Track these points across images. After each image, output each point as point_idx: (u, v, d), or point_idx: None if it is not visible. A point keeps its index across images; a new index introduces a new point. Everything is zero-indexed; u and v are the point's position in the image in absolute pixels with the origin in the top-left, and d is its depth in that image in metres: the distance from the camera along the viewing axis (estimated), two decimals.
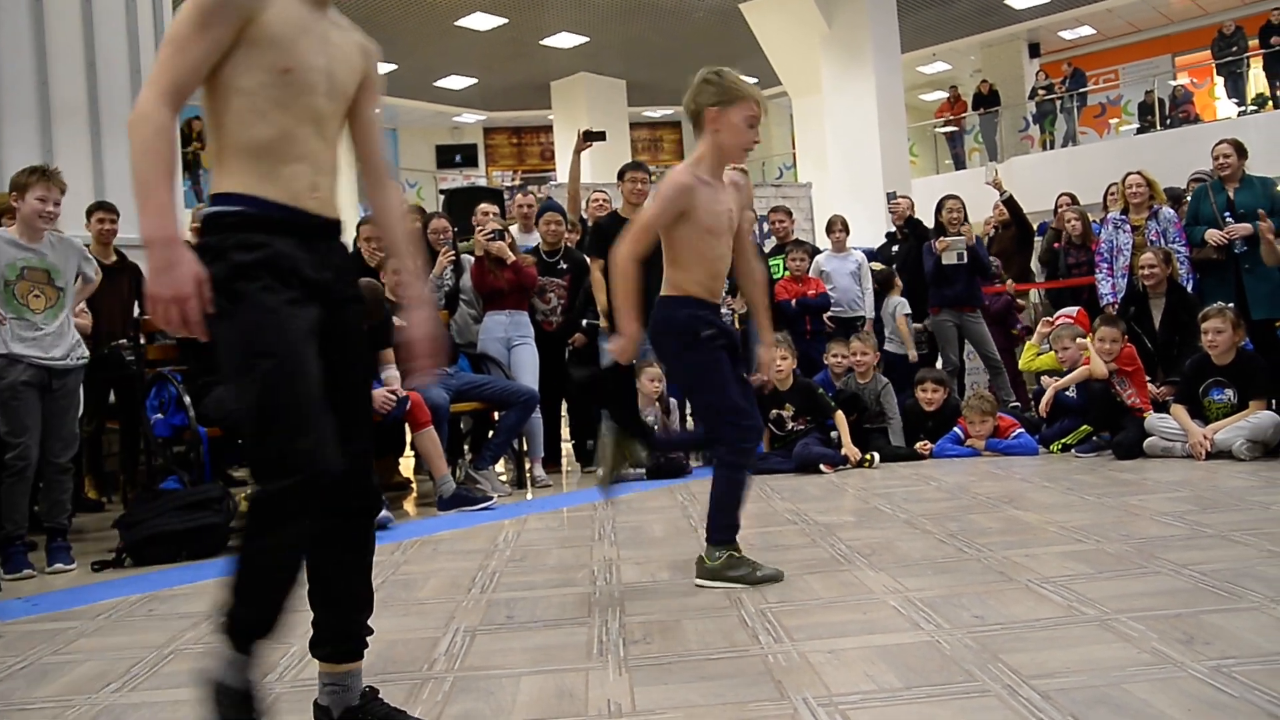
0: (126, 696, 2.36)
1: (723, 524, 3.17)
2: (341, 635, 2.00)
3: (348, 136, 2.01)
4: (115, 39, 6.57)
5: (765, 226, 8.30)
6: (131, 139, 1.68)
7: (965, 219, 7.26)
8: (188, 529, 4.11)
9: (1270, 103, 15.21)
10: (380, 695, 2.04)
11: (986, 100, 18.08)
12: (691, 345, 3.13)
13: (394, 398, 5.03)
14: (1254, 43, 15.68)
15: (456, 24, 14.74)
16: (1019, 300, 8.14)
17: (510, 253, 5.92)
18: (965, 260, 7.02)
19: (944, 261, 7.06)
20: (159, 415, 4.73)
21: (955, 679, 2.14)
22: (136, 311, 5.64)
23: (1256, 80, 15.91)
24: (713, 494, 3.20)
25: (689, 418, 6.19)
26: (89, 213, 5.62)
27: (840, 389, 6.32)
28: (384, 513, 4.55)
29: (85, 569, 4.01)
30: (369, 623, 2.05)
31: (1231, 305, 5.67)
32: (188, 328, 1.65)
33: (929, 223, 8.51)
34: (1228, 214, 6.37)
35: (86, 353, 4.25)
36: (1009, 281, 7.91)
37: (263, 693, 1.79)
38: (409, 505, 5.53)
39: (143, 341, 5.11)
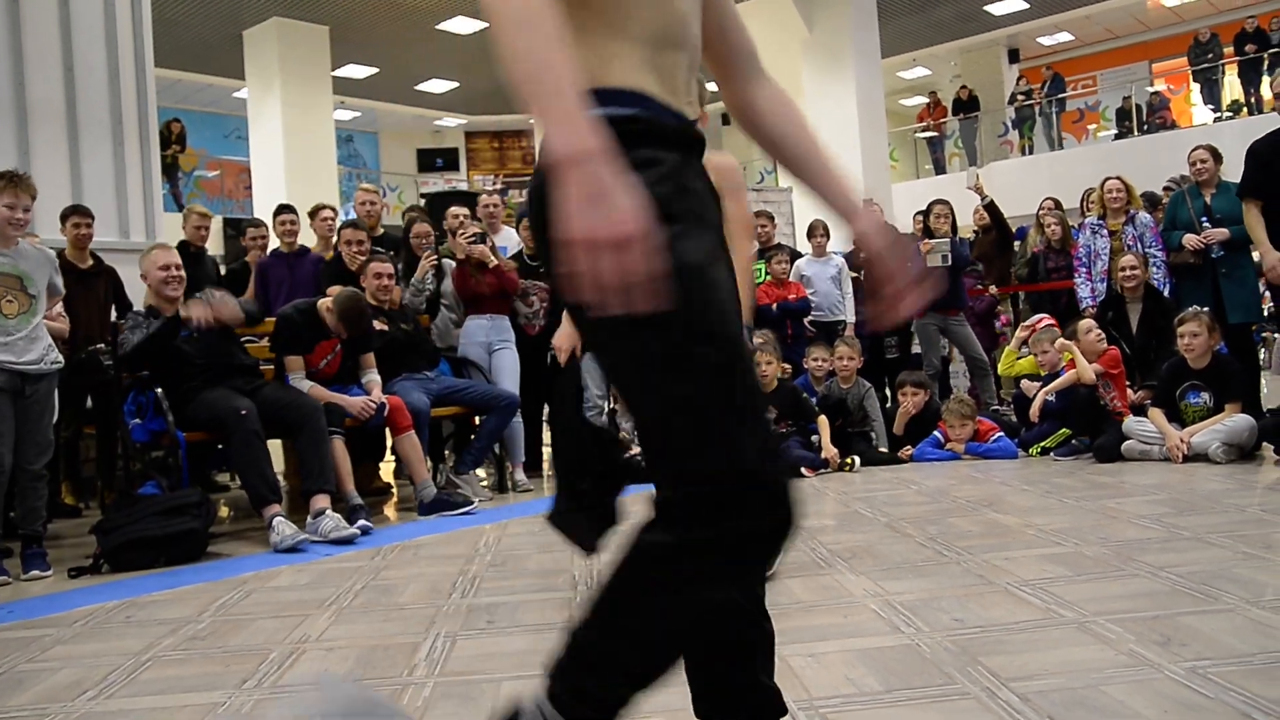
0: (103, 704, 2.34)
1: None
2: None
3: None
4: (93, 41, 6.53)
5: None
6: (502, 10, 1.09)
7: (954, 224, 7.32)
8: (166, 534, 4.08)
9: (1245, 109, 15.37)
10: None
11: (966, 106, 18.19)
12: None
13: (374, 404, 5.01)
14: (1229, 50, 15.85)
15: (438, 28, 14.71)
16: (999, 305, 8.20)
17: (492, 256, 5.91)
18: (949, 263, 7.07)
19: (928, 264, 7.09)
20: (137, 420, 4.70)
21: (935, 682, 2.14)
22: (114, 315, 5.61)
23: (1232, 87, 16.08)
24: None
25: None
26: (64, 217, 5.57)
27: (823, 394, 6.34)
28: (362, 520, 4.53)
29: (62, 575, 3.98)
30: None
31: (1207, 309, 5.72)
32: (626, 295, 1.03)
33: (907, 226, 8.55)
34: (1204, 219, 6.43)
35: (60, 358, 4.22)
36: (991, 287, 7.96)
37: None
38: (389, 510, 5.51)
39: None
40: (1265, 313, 8.13)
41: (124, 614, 3.26)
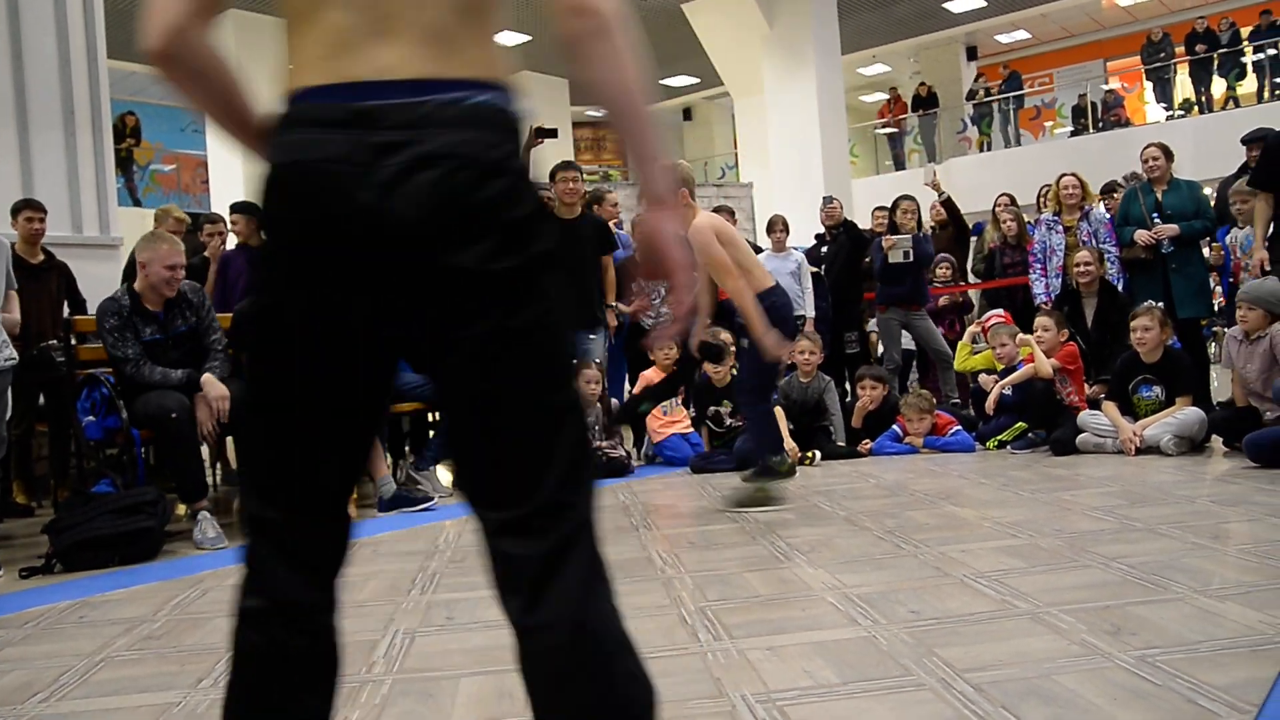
0: (55, 706, 2.31)
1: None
2: None
3: None
4: (44, 30, 6.40)
5: None
6: (623, 39, 1.20)
7: (919, 220, 7.39)
8: (120, 533, 4.01)
9: (1196, 108, 15.64)
10: None
11: (925, 102, 18.34)
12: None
13: None
14: (1180, 50, 16.11)
15: None
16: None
17: None
18: (910, 259, 7.13)
19: (890, 260, 7.15)
20: (91, 417, 4.62)
21: (891, 673, 2.17)
22: (67, 311, 5.52)
23: (1183, 86, 16.35)
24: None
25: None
26: (15, 211, 5.46)
27: (784, 388, 6.37)
28: None
29: (13, 576, 3.91)
30: None
31: (1160, 304, 5.83)
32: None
33: (866, 223, 8.62)
34: (1156, 215, 6.54)
35: (14, 354, 4.14)
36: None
37: None
38: (349, 507, 5.46)
39: (74, 342, 4.99)
40: (1215, 308, 8.28)
41: (77, 614, 3.21)
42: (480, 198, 1.11)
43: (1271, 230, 5.48)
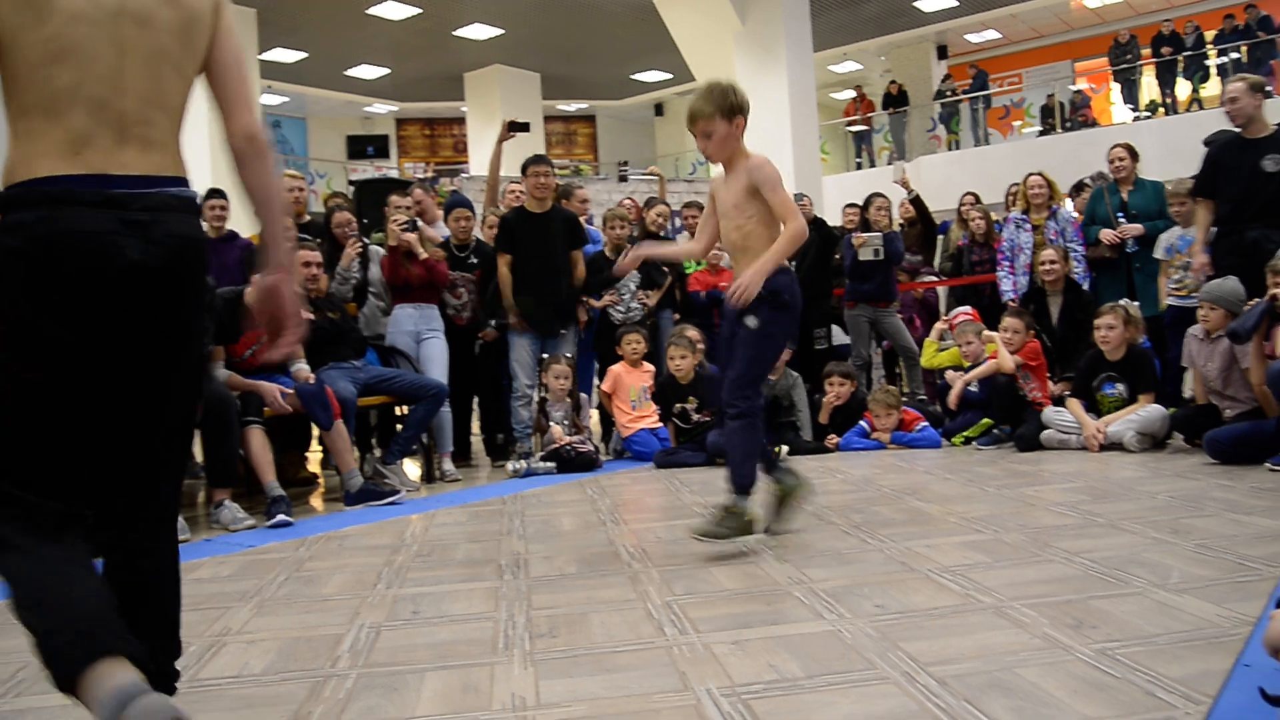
0: (12, 703, 2.28)
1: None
2: None
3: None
4: None
5: (679, 221, 8.35)
6: (271, 159, 1.94)
7: (890, 218, 7.43)
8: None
9: (1162, 109, 15.83)
10: None
11: (896, 100, 18.44)
12: (785, 312, 3.52)
13: (286, 392, 4.93)
14: (1146, 52, 16.29)
15: (368, 12, 14.50)
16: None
17: (420, 248, 5.85)
18: (881, 257, 7.17)
19: (860, 258, 7.19)
20: None
21: (856, 667, 2.18)
22: None
23: (1149, 88, 16.54)
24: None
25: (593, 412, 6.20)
26: None
27: None
28: (283, 513, 4.46)
29: None
30: None
31: (1124, 302, 5.90)
32: None
33: (836, 219, 8.66)
34: (1121, 215, 6.62)
35: None
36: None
37: None
38: (315, 500, 5.43)
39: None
40: None
41: None
42: (192, 258, 1.78)
43: (1214, 235, 5.56)
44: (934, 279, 8.20)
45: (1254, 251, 5.19)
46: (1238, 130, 5.48)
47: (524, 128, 6.85)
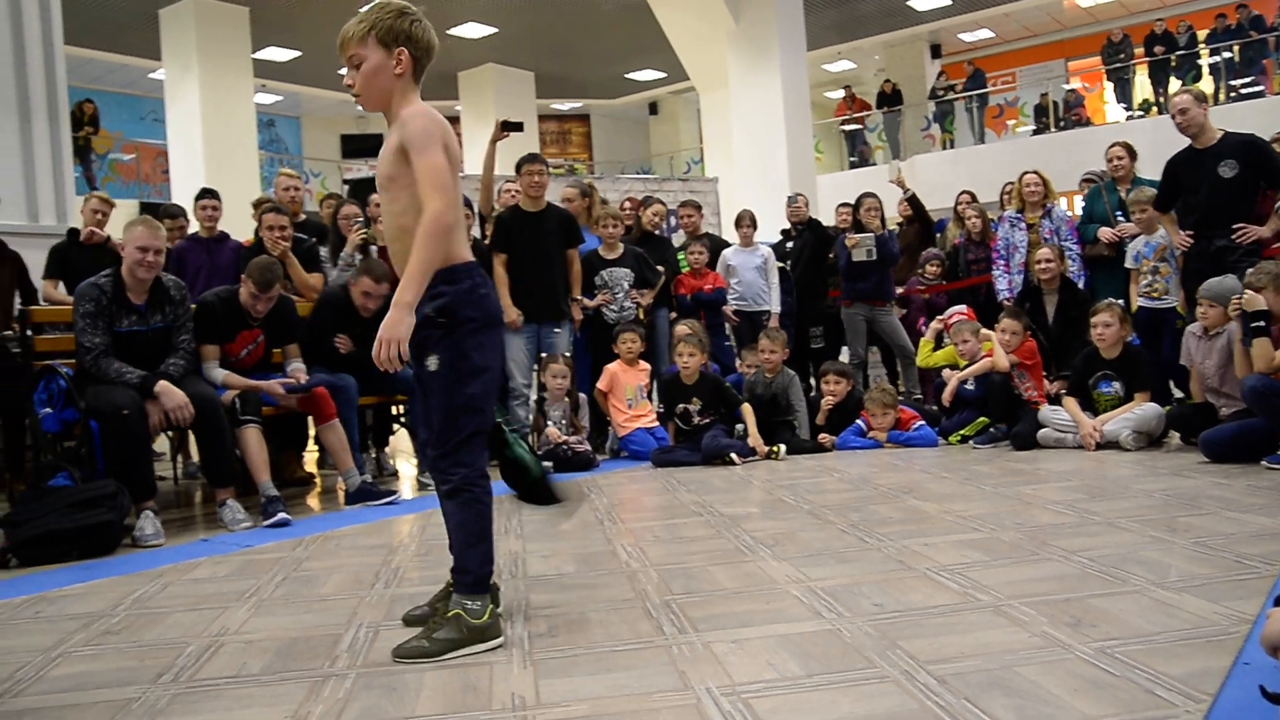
0: (10, 703, 2.27)
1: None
2: None
3: None
4: None
5: (674, 220, 8.34)
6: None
7: (882, 217, 7.43)
8: (78, 527, 3.95)
9: (1155, 108, 15.86)
10: None
11: (890, 99, 18.45)
12: (473, 328, 2.52)
13: (289, 384, 4.92)
14: (1139, 51, 16.33)
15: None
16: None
17: None
18: (874, 257, 7.18)
19: (854, 258, 7.20)
20: (48, 409, 4.54)
21: (855, 665, 2.18)
22: (19, 302, 5.42)
23: (1142, 87, 16.58)
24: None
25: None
26: None
27: (749, 383, 6.40)
28: (281, 513, 4.45)
29: None
30: None
31: (1121, 301, 5.91)
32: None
33: (830, 218, 8.66)
34: (1119, 213, 6.63)
35: None
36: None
37: None
38: (313, 500, 5.42)
39: (29, 333, 4.90)
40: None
41: (33, 609, 3.16)
42: None
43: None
44: (930, 285, 8.18)
45: (1220, 258, 5.45)
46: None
47: (517, 127, 6.83)
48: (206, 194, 6.34)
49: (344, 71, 2.66)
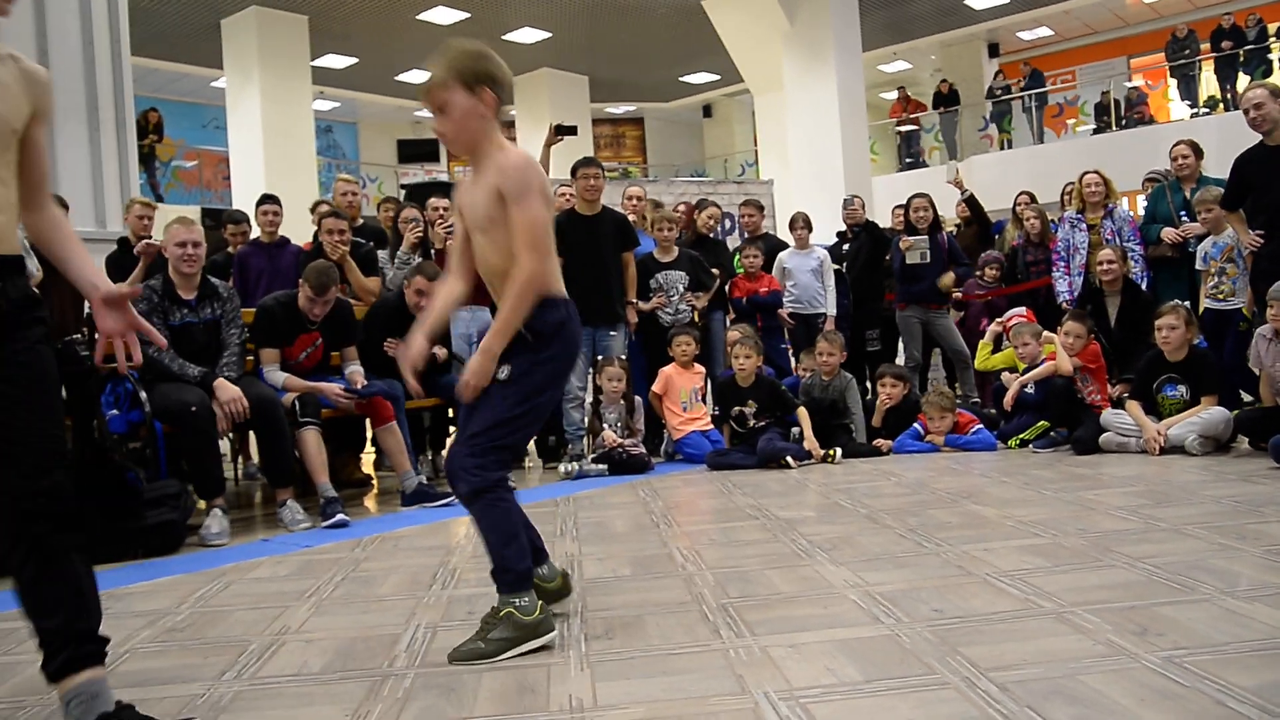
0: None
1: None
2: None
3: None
4: (68, 27, 6.48)
5: (729, 223, 8.33)
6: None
7: (935, 217, 7.35)
8: (143, 526, 4.05)
9: (1221, 105, 15.49)
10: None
11: (946, 99, 18.24)
12: (550, 342, 2.63)
13: (351, 394, 4.98)
14: (1205, 46, 15.95)
15: (418, 18, 14.65)
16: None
17: None
18: (928, 260, 7.11)
19: (907, 261, 7.14)
20: (114, 411, 4.65)
21: (914, 671, 2.16)
22: (88, 307, 5.54)
23: (1208, 83, 16.19)
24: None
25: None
26: None
27: (806, 386, 6.37)
28: (340, 514, 4.51)
29: None
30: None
31: (1186, 303, 5.78)
32: None
33: (886, 220, 8.58)
34: (1184, 213, 6.49)
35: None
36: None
37: None
38: (370, 501, 5.49)
39: (96, 337, 5.01)
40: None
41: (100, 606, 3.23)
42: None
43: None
44: (989, 288, 8.06)
45: None
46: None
47: (571, 131, 6.87)
48: (267, 199, 6.45)
49: (425, 113, 2.79)
